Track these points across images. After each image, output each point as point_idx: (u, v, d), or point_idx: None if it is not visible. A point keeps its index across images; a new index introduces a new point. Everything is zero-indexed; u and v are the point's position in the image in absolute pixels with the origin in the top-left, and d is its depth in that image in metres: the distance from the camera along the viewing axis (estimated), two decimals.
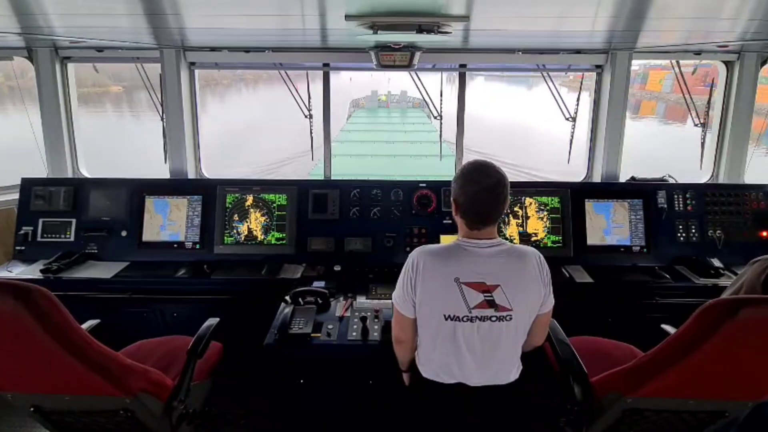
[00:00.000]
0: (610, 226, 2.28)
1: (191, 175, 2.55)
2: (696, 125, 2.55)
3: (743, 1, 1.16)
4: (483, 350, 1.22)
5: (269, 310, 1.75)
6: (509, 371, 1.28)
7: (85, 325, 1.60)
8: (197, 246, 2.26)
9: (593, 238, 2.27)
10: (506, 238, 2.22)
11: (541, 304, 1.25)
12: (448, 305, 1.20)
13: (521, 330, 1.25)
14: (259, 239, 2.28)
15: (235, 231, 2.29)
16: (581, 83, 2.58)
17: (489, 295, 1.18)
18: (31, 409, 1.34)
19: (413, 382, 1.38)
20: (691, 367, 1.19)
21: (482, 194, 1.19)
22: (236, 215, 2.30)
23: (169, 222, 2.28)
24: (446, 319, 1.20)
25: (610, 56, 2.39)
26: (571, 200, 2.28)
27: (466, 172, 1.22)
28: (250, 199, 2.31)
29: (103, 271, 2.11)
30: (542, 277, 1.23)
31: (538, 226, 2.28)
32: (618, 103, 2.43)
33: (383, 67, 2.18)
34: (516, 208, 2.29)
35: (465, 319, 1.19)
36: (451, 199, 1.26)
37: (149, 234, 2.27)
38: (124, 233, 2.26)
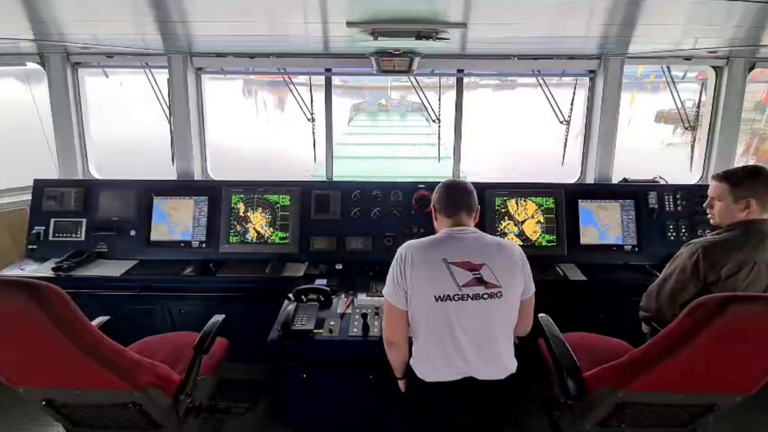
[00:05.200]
0: (601, 231, 2.34)
1: (198, 177, 2.61)
2: (686, 128, 2.62)
3: (730, 10, 1.20)
4: (478, 331, 1.25)
5: (273, 307, 1.80)
6: (506, 360, 1.31)
7: (95, 322, 1.64)
8: (204, 245, 2.32)
9: (586, 238, 2.33)
10: (503, 235, 2.28)
11: (523, 289, 1.32)
12: (438, 286, 1.23)
13: (513, 308, 1.30)
14: (263, 239, 2.34)
15: (240, 230, 2.34)
16: (575, 86, 2.63)
17: (477, 272, 1.24)
18: (43, 402, 1.38)
19: (410, 387, 1.39)
20: (681, 362, 1.24)
21: (453, 192, 1.40)
22: (241, 215, 2.36)
23: (172, 224, 2.34)
24: (437, 301, 1.23)
25: (602, 62, 2.45)
26: (564, 201, 2.34)
27: (441, 185, 1.45)
28: (251, 202, 2.36)
29: (113, 269, 2.17)
30: (522, 268, 1.31)
31: (533, 225, 2.34)
32: (610, 106, 2.49)
33: (383, 72, 2.24)
34: (512, 209, 2.35)
35: (456, 297, 1.23)
36: (432, 207, 1.44)
37: (157, 233, 2.33)
38: (132, 232, 2.32)
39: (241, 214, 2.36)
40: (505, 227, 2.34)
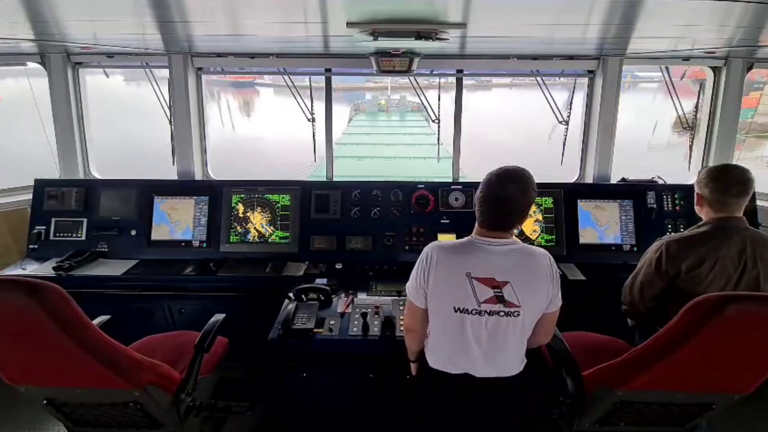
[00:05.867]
0: (600, 231, 2.35)
1: (198, 177, 2.62)
2: (684, 128, 2.63)
3: (728, 11, 1.21)
4: (489, 343, 1.26)
5: (273, 306, 1.81)
6: (514, 365, 1.32)
7: (95, 321, 1.64)
8: (204, 245, 2.33)
9: (585, 237, 2.34)
10: None
11: (548, 303, 1.28)
12: (458, 298, 1.23)
13: (527, 326, 1.28)
14: (263, 238, 2.35)
15: (240, 230, 2.35)
16: (574, 87, 2.65)
17: (498, 291, 1.21)
18: (44, 401, 1.39)
19: (420, 372, 1.42)
20: (679, 361, 1.24)
21: (493, 203, 1.24)
22: (241, 215, 2.37)
23: (173, 224, 2.35)
24: (456, 311, 1.23)
25: (601, 62, 2.46)
26: (564, 200, 2.35)
27: (490, 176, 1.27)
28: (252, 202, 2.37)
29: (114, 268, 2.17)
30: (551, 277, 1.26)
31: (531, 224, 2.35)
32: (609, 106, 2.50)
33: (383, 72, 2.25)
34: None
35: (474, 312, 1.22)
36: (475, 199, 1.31)
37: (158, 233, 2.34)
38: (133, 232, 2.33)
39: (241, 215, 2.36)
40: None
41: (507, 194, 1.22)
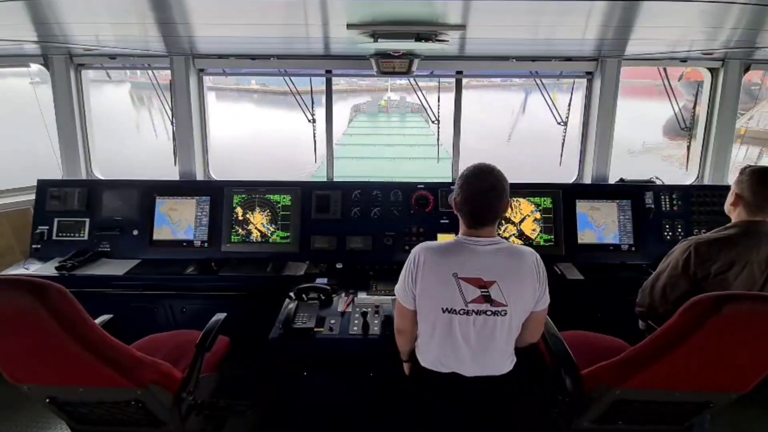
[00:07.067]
0: (598, 231, 2.36)
1: (200, 177, 2.64)
2: (682, 129, 2.64)
3: (726, 12, 1.22)
4: (478, 342, 1.28)
5: (274, 306, 1.82)
6: (503, 363, 1.34)
7: (98, 320, 1.65)
8: (205, 244, 2.34)
9: (584, 237, 2.35)
10: (504, 238, 2.29)
11: (536, 302, 1.30)
12: (445, 299, 1.25)
13: (515, 325, 1.30)
14: (264, 238, 2.36)
15: (241, 230, 2.36)
16: (572, 88, 2.66)
17: (485, 290, 1.23)
18: (47, 400, 1.40)
19: (413, 371, 1.44)
20: (676, 360, 1.25)
21: (476, 197, 1.26)
22: (242, 215, 2.38)
23: (173, 224, 2.37)
24: (444, 312, 1.26)
25: (599, 63, 2.47)
26: (562, 201, 2.36)
27: (466, 174, 1.30)
28: (252, 202, 2.39)
29: (116, 268, 2.18)
30: (538, 276, 1.28)
31: (531, 224, 2.36)
32: (607, 107, 2.51)
33: (383, 73, 2.26)
34: (511, 209, 2.37)
35: (461, 312, 1.24)
36: (453, 200, 1.33)
37: (160, 233, 2.35)
38: (135, 232, 2.34)
39: (241, 217, 2.37)
40: (504, 230, 2.35)
41: (488, 186, 1.26)
